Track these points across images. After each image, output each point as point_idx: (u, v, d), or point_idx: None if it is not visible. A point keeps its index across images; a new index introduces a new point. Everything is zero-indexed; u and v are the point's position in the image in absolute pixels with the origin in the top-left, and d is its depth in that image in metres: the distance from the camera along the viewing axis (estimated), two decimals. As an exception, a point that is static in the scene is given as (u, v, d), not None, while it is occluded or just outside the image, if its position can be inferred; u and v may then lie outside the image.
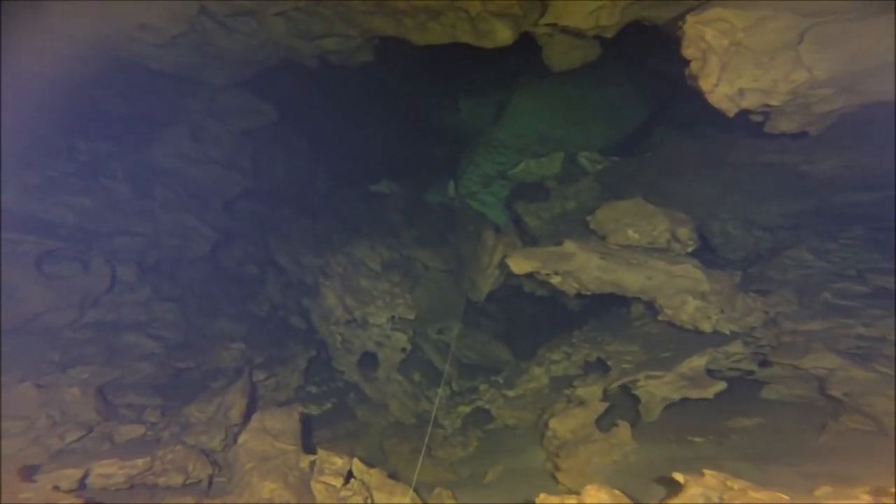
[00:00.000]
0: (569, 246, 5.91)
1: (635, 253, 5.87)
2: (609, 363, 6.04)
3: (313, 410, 7.55)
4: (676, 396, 5.45)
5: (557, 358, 7.46)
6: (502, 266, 8.30)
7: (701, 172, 7.61)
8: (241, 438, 4.54)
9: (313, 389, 7.95)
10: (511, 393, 7.70)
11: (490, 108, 13.16)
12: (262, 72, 9.46)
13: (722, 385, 5.30)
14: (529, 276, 6.33)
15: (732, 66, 4.58)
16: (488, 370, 8.49)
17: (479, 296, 8.73)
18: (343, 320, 7.75)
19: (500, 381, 8.10)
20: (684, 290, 5.61)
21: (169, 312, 7.03)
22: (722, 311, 5.51)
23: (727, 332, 5.61)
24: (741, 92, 4.68)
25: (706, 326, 5.54)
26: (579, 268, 5.83)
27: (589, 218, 6.68)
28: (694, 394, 5.33)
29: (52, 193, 6.72)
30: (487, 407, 7.72)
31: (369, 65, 9.69)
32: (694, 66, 4.77)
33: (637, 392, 5.59)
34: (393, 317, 8.28)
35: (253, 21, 7.13)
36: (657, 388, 5.42)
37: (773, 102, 4.70)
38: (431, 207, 11.80)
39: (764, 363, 5.70)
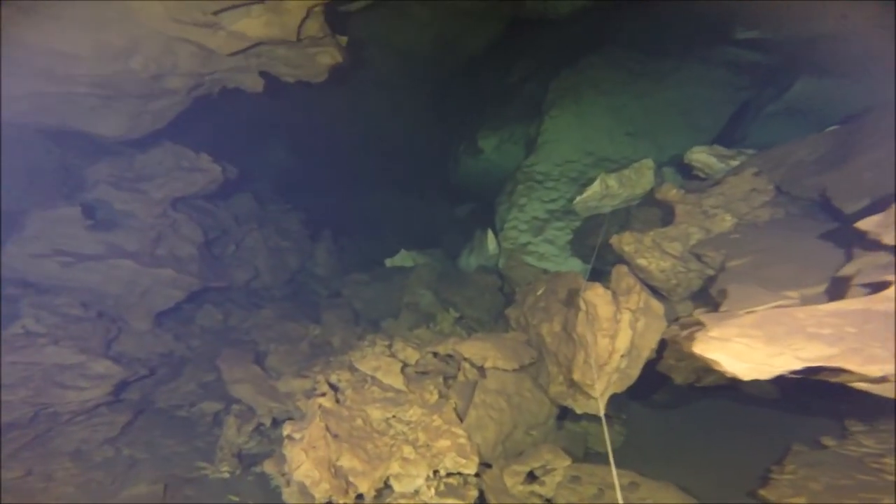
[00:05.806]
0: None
1: None
2: None
3: None
4: None
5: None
6: (635, 352, 4.37)
7: None
8: None
9: None
10: None
11: (518, 142, 10.21)
12: (187, 109, 6.28)
13: None
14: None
15: None
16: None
17: (590, 406, 4.73)
18: (326, 498, 3.81)
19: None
20: None
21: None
22: None
23: None
24: None
25: None
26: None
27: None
28: None
29: None
30: None
31: (342, 76, 6.47)
32: None
33: None
34: (436, 472, 4.37)
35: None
36: None
37: None
38: (470, 276, 8.15)
39: None
